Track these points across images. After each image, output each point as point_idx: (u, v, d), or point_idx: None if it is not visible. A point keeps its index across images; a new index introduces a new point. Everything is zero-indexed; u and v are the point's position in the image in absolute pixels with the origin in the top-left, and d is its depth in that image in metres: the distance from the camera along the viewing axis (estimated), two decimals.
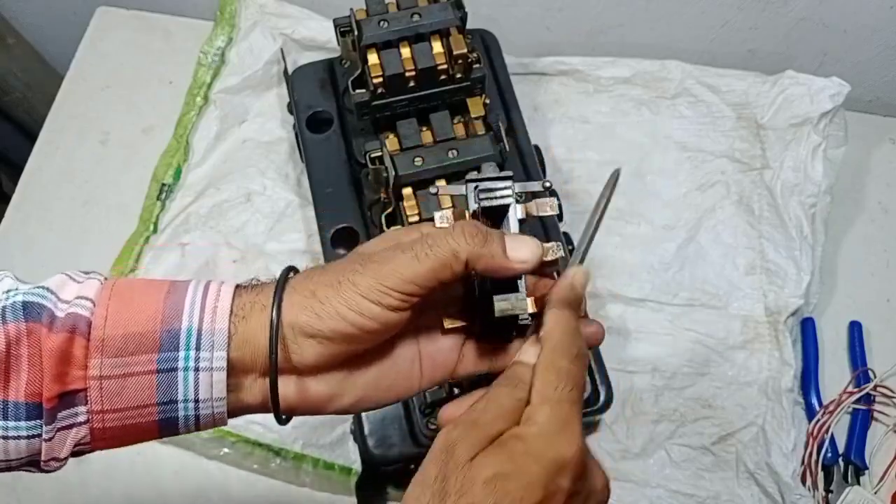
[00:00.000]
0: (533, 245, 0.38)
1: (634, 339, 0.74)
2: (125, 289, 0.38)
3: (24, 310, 0.36)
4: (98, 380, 0.36)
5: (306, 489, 0.69)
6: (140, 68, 0.89)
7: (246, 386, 0.39)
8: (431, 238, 0.37)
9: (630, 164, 0.82)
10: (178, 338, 0.37)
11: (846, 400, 0.72)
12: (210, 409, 0.38)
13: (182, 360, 0.37)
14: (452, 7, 0.60)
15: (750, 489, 0.68)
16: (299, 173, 0.80)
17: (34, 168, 0.84)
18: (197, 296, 0.38)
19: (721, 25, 0.84)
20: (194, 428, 0.39)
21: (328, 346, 0.37)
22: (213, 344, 0.37)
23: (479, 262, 0.37)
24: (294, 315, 0.37)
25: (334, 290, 0.37)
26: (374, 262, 0.37)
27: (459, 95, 0.63)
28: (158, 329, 0.36)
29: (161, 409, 0.37)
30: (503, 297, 0.39)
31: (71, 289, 0.38)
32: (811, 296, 0.76)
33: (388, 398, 0.42)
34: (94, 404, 0.36)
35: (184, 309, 0.37)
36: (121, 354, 0.36)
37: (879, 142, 0.87)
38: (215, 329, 0.37)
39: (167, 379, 0.37)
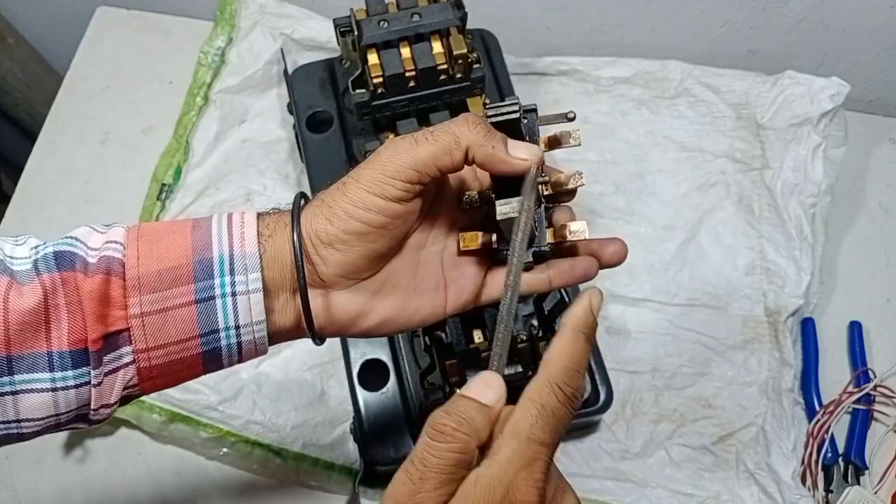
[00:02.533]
0: (533, 147, 0.38)
1: (634, 339, 0.74)
2: (150, 230, 0.38)
3: (55, 259, 0.36)
4: (140, 317, 0.36)
5: (306, 489, 0.69)
6: (140, 68, 0.89)
7: (279, 308, 0.39)
8: (434, 127, 0.38)
9: (630, 164, 0.82)
10: (212, 266, 0.37)
11: (846, 400, 0.72)
12: (251, 334, 0.38)
13: (218, 286, 0.37)
14: (452, 7, 0.60)
15: (750, 489, 0.68)
16: (299, 173, 0.80)
17: (34, 168, 0.84)
18: (223, 226, 0.38)
19: (721, 25, 0.84)
20: (237, 359, 0.39)
21: (347, 251, 0.38)
22: (247, 266, 0.37)
23: (478, 152, 0.37)
24: (310, 225, 0.38)
25: (340, 192, 0.38)
26: (376, 154, 0.38)
27: (459, 95, 0.63)
28: (191, 260, 0.37)
29: (204, 339, 0.37)
30: (505, 201, 0.38)
31: (97, 237, 0.38)
32: (811, 296, 0.76)
33: (414, 320, 0.42)
34: (139, 343, 0.36)
35: (212, 239, 0.37)
36: (158, 289, 0.36)
37: (879, 142, 0.87)
38: (246, 252, 0.37)
39: (206, 308, 0.37)
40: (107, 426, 0.70)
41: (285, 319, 0.40)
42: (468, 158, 0.37)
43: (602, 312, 0.75)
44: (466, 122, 0.37)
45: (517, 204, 0.37)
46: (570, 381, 0.33)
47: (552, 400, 0.32)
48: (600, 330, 0.72)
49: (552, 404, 0.32)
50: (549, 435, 0.31)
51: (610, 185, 0.81)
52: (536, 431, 0.31)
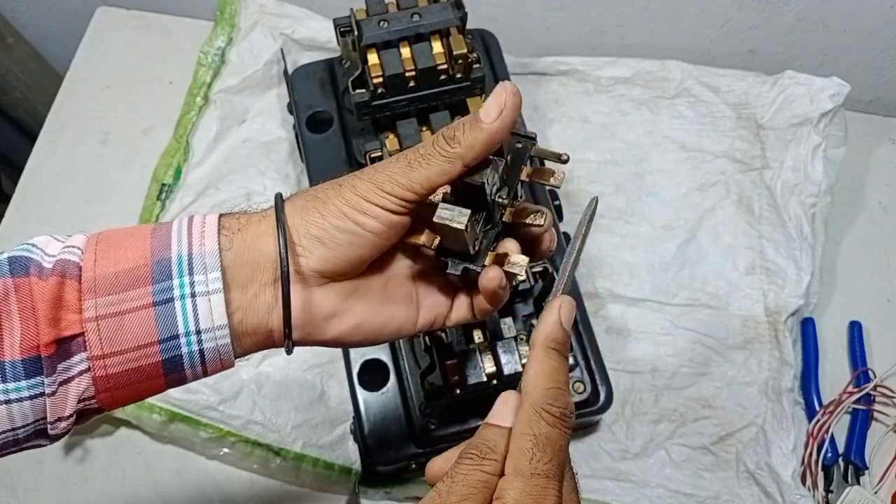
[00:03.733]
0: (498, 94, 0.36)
1: (634, 339, 0.74)
2: (110, 234, 0.37)
3: (9, 265, 0.35)
4: (95, 321, 0.35)
5: (306, 489, 0.69)
6: (140, 68, 0.89)
7: (245, 304, 0.37)
8: (422, 147, 0.37)
9: (630, 164, 0.82)
10: (170, 266, 0.36)
11: (846, 400, 0.72)
12: (213, 340, 0.36)
13: (177, 287, 0.35)
14: (452, 7, 0.60)
15: (750, 489, 0.68)
16: (299, 173, 0.80)
17: (34, 168, 0.84)
18: (182, 225, 0.38)
19: (721, 25, 0.84)
20: (201, 370, 0.37)
21: (333, 249, 0.37)
22: (206, 266, 0.36)
23: (470, 156, 0.36)
24: (299, 216, 0.37)
25: (335, 192, 0.38)
26: (371, 169, 0.38)
27: (459, 95, 0.63)
28: (149, 261, 0.36)
29: (164, 346, 0.36)
30: (449, 207, 0.37)
31: (56, 245, 0.37)
32: (811, 296, 0.76)
33: (386, 330, 0.41)
34: (94, 349, 0.35)
35: (171, 239, 0.37)
36: (114, 291, 0.35)
37: (879, 142, 0.87)
38: (206, 251, 0.36)
39: (165, 311, 0.35)
40: (107, 426, 0.70)
41: (253, 317, 0.38)
42: (464, 170, 0.37)
43: (602, 312, 0.76)
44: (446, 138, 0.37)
45: (458, 214, 0.36)
46: (555, 401, 0.33)
47: (543, 427, 0.32)
48: (600, 330, 0.72)
49: (544, 431, 0.32)
50: (551, 465, 0.31)
51: (610, 185, 0.81)
52: (537, 465, 0.31)
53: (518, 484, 0.31)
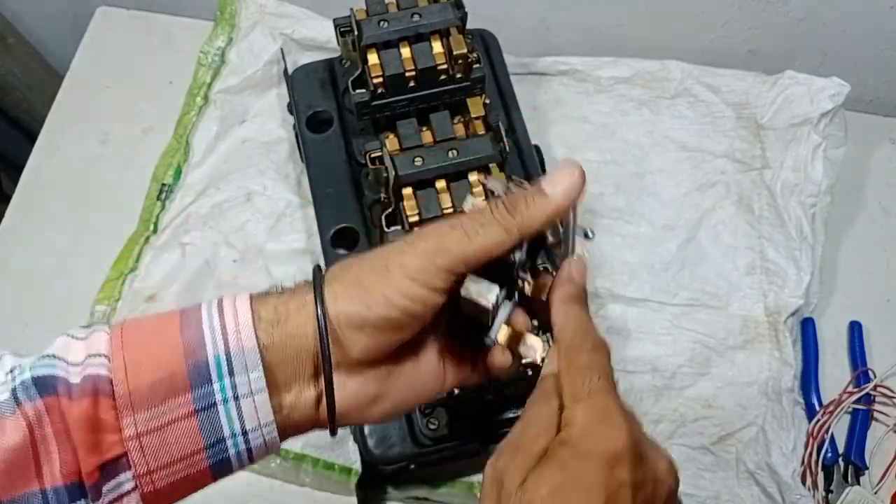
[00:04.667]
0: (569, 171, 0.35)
1: (634, 339, 0.74)
2: (135, 332, 0.35)
3: (35, 386, 0.33)
4: (136, 439, 0.33)
5: (306, 489, 0.69)
6: (140, 68, 0.89)
7: (290, 401, 0.36)
8: (478, 214, 0.35)
9: (630, 164, 0.82)
10: (208, 369, 0.33)
11: (846, 400, 0.72)
12: (260, 437, 0.35)
13: (219, 392, 0.34)
14: (452, 7, 0.60)
15: (750, 489, 0.68)
16: (299, 173, 0.80)
17: (34, 168, 0.84)
18: (213, 318, 0.35)
19: (721, 25, 0.84)
20: (248, 462, 0.36)
21: (375, 337, 0.35)
22: (247, 365, 0.34)
23: (530, 229, 0.35)
24: (340, 306, 0.35)
25: (380, 276, 0.35)
26: (421, 240, 0.35)
27: (459, 95, 0.63)
28: (184, 366, 0.33)
29: (210, 452, 0.34)
30: (477, 280, 0.35)
31: (77, 348, 0.34)
32: (811, 296, 0.76)
33: (421, 397, 0.40)
34: (139, 467, 0.33)
35: (204, 336, 0.34)
36: (152, 405, 0.33)
37: (879, 142, 0.87)
38: (244, 348, 0.34)
39: (209, 418, 0.34)
40: None
41: (300, 413, 0.36)
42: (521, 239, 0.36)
43: (602, 312, 0.76)
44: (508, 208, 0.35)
45: (486, 291, 0.35)
46: (585, 337, 0.35)
47: (582, 359, 0.34)
48: (600, 330, 0.72)
49: (584, 360, 0.34)
50: (601, 382, 0.34)
51: (610, 185, 0.81)
52: (590, 386, 0.33)
53: (580, 408, 0.33)
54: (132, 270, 0.75)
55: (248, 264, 0.76)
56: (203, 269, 0.75)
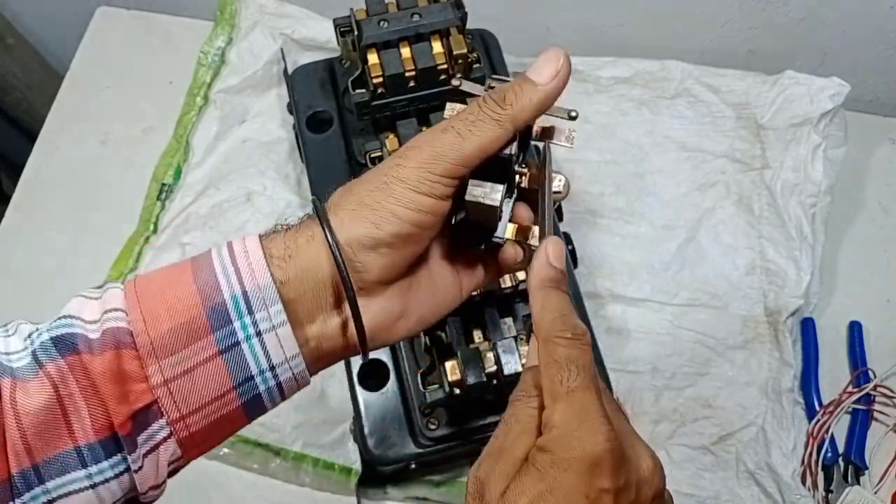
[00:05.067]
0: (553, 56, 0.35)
1: (634, 339, 0.74)
2: (148, 284, 0.34)
3: (55, 346, 0.33)
4: (164, 385, 0.33)
5: (306, 489, 0.69)
6: (140, 68, 0.89)
7: (316, 332, 0.36)
8: (467, 113, 0.35)
9: (630, 164, 0.82)
10: (227, 309, 0.33)
11: (846, 400, 0.72)
12: (289, 371, 0.35)
13: (240, 329, 0.33)
14: (452, 7, 0.60)
15: (750, 489, 0.68)
16: (299, 173, 0.80)
17: (34, 168, 0.84)
18: (225, 260, 0.34)
19: (721, 25, 0.84)
20: (280, 399, 0.36)
21: (390, 254, 0.35)
22: (265, 301, 0.34)
23: (523, 118, 0.35)
24: (349, 230, 0.34)
25: (383, 193, 0.34)
26: (415, 151, 0.34)
27: (459, 96, 0.63)
28: (202, 309, 0.33)
29: (241, 390, 0.34)
30: (479, 184, 0.35)
31: (92, 307, 0.34)
32: (811, 296, 0.76)
33: (443, 306, 0.40)
34: (171, 413, 0.33)
35: (218, 278, 0.34)
36: (175, 350, 0.33)
37: (879, 142, 0.87)
38: (259, 285, 0.34)
39: (234, 356, 0.34)
40: None
41: (328, 343, 0.36)
42: (514, 132, 0.35)
43: (602, 312, 0.76)
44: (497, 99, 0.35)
45: (490, 191, 0.34)
46: (563, 326, 0.33)
47: (560, 351, 0.32)
48: (600, 330, 0.72)
49: (563, 354, 0.32)
50: (580, 379, 0.32)
51: (610, 185, 0.81)
52: (568, 384, 0.32)
53: (559, 407, 0.32)
54: (132, 270, 0.75)
55: None
56: None
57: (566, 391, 0.32)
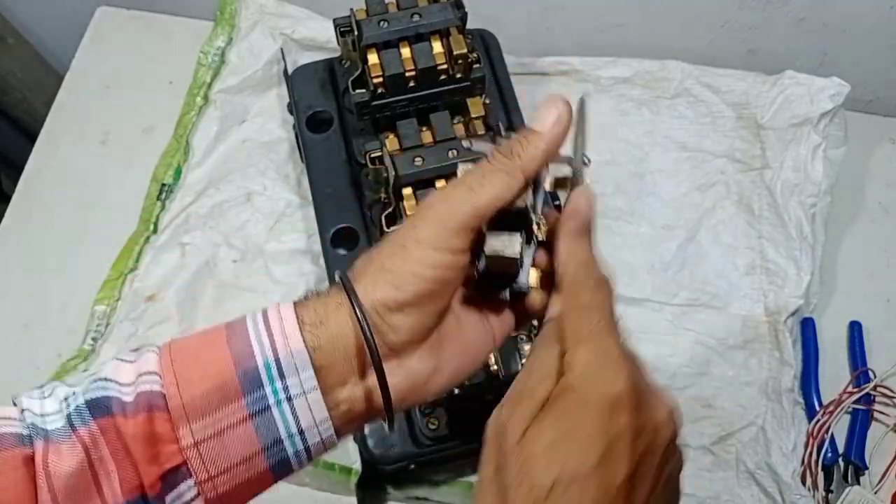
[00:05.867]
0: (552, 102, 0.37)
1: (634, 340, 0.73)
2: (183, 349, 0.35)
3: (89, 410, 0.33)
4: (194, 447, 0.34)
5: (306, 489, 0.69)
6: (140, 68, 0.89)
7: (345, 397, 0.36)
8: (478, 168, 0.36)
9: (630, 164, 0.82)
10: (259, 375, 0.34)
11: (846, 400, 0.72)
12: (317, 435, 0.36)
13: (271, 394, 0.34)
14: (452, 7, 0.60)
15: (750, 489, 0.68)
16: (299, 173, 0.80)
17: (34, 168, 0.83)
18: (259, 326, 0.35)
19: (721, 25, 0.84)
20: (307, 461, 0.37)
21: (416, 314, 0.36)
22: (297, 367, 0.34)
23: (532, 167, 0.36)
24: (373, 294, 0.35)
25: (401, 256, 0.36)
26: (429, 210, 0.36)
27: (459, 95, 0.63)
28: (234, 374, 0.34)
29: (269, 453, 0.35)
30: (495, 234, 0.36)
31: (127, 370, 0.35)
32: (811, 296, 0.76)
33: (477, 358, 0.41)
34: (200, 474, 0.34)
35: (252, 343, 0.35)
36: (207, 413, 0.34)
37: (879, 142, 0.87)
38: (292, 350, 0.34)
39: (264, 420, 0.34)
40: None
41: (357, 406, 0.37)
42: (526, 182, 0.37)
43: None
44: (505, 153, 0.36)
45: (509, 243, 0.36)
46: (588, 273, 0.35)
47: (584, 297, 0.34)
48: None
49: (586, 299, 0.34)
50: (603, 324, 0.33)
51: (610, 185, 0.81)
52: (593, 325, 0.33)
53: (581, 349, 0.33)
54: (132, 270, 0.75)
55: (248, 264, 0.76)
56: (203, 269, 0.75)
57: (588, 333, 0.33)
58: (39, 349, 0.73)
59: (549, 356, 0.34)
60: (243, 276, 0.75)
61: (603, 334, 0.33)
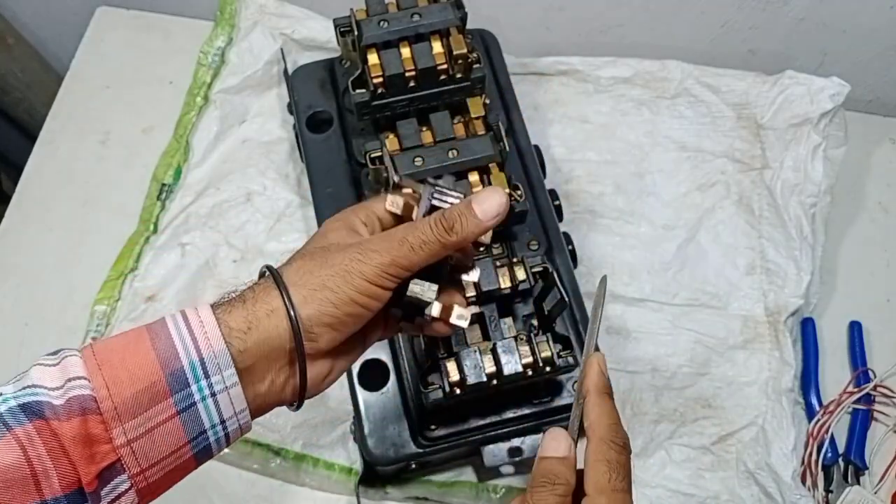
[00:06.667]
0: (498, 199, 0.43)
1: (634, 339, 0.74)
2: (108, 352, 0.38)
3: (23, 412, 0.36)
4: (127, 445, 0.36)
5: (306, 489, 0.69)
6: (140, 68, 0.89)
7: (263, 390, 0.41)
8: (420, 231, 0.42)
9: (630, 164, 0.82)
10: (185, 375, 0.37)
11: (846, 400, 0.72)
12: (236, 423, 0.40)
13: (196, 392, 0.38)
14: (452, 7, 0.60)
15: (750, 489, 0.68)
16: (299, 173, 0.80)
17: (34, 168, 0.84)
18: (181, 327, 0.38)
19: (721, 25, 0.84)
20: (225, 445, 0.41)
21: (341, 330, 0.41)
22: (220, 366, 0.38)
23: (462, 244, 0.42)
24: (311, 307, 0.40)
25: (344, 280, 0.41)
26: (375, 254, 0.41)
27: (459, 95, 0.63)
28: (161, 375, 0.37)
29: (194, 444, 0.39)
30: (418, 283, 0.43)
31: (52, 374, 0.37)
32: (811, 296, 0.76)
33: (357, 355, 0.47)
34: (132, 468, 0.37)
35: (176, 346, 0.38)
36: (138, 413, 0.36)
37: (879, 142, 0.87)
38: (215, 352, 0.38)
39: (190, 415, 0.38)
40: None
41: (272, 396, 0.41)
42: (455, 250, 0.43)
43: (602, 312, 0.76)
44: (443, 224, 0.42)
45: (428, 290, 0.43)
46: (617, 433, 0.40)
47: (612, 454, 0.39)
48: (600, 330, 0.72)
49: (615, 457, 0.39)
50: (625, 483, 0.38)
51: (610, 185, 0.81)
52: (616, 483, 0.38)
53: (603, 500, 0.37)
54: (132, 270, 0.75)
55: (248, 264, 0.76)
56: (203, 269, 0.75)
57: (612, 489, 0.38)
58: (39, 349, 0.73)
59: (554, 496, 0.39)
60: (243, 276, 0.75)
61: (622, 493, 0.38)
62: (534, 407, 0.62)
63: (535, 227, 0.68)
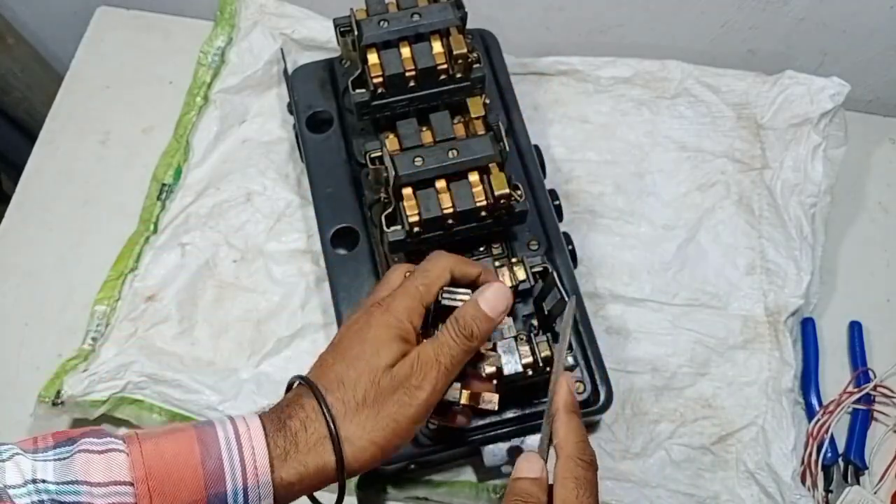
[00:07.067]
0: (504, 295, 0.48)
1: (634, 339, 0.74)
2: (155, 457, 0.39)
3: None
4: None
5: None
6: (140, 68, 0.89)
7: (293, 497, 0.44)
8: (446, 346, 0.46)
9: (630, 164, 0.82)
10: (226, 499, 0.39)
11: (846, 400, 0.72)
12: None
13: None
14: (452, 7, 0.60)
15: (750, 489, 0.68)
16: (299, 173, 0.80)
17: (34, 168, 0.84)
18: (233, 452, 0.40)
19: (721, 25, 0.84)
20: None
21: (383, 448, 0.44)
22: (261, 495, 0.40)
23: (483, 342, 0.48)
24: (359, 464, 0.44)
25: (394, 433, 0.44)
26: (416, 389, 0.45)
27: (459, 95, 0.63)
28: (205, 495, 0.39)
29: None
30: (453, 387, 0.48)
31: (97, 468, 0.38)
32: (811, 296, 0.76)
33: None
34: None
35: (224, 471, 0.39)
36: None
37: (879, 142, 0.87)
38: (260, 483, 0.40)
39: None
40: (108, 426, 0.70)
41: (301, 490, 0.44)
42: None
43: (602, 312, 0.76)
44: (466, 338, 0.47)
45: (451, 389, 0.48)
46: (585, 451, 0.41)
47: (580, 471, 0.40)
48: (600, 330, 0.72)
49: (582, 474, 0.40)
50: (592, 497, 0.40)
51: (610, 185, 0.81)
52: (584, 499, 0.39)
53: None
54: (132, 270, 0.75)
55: (248, 264, 0.76)
56: (203, 269, 0.75)
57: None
58: (39, 349, 0.73)
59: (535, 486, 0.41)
60: (243, 276, 0.75)
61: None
62: (534, 407, 0.62)
63: (535, 227, 0.68)
